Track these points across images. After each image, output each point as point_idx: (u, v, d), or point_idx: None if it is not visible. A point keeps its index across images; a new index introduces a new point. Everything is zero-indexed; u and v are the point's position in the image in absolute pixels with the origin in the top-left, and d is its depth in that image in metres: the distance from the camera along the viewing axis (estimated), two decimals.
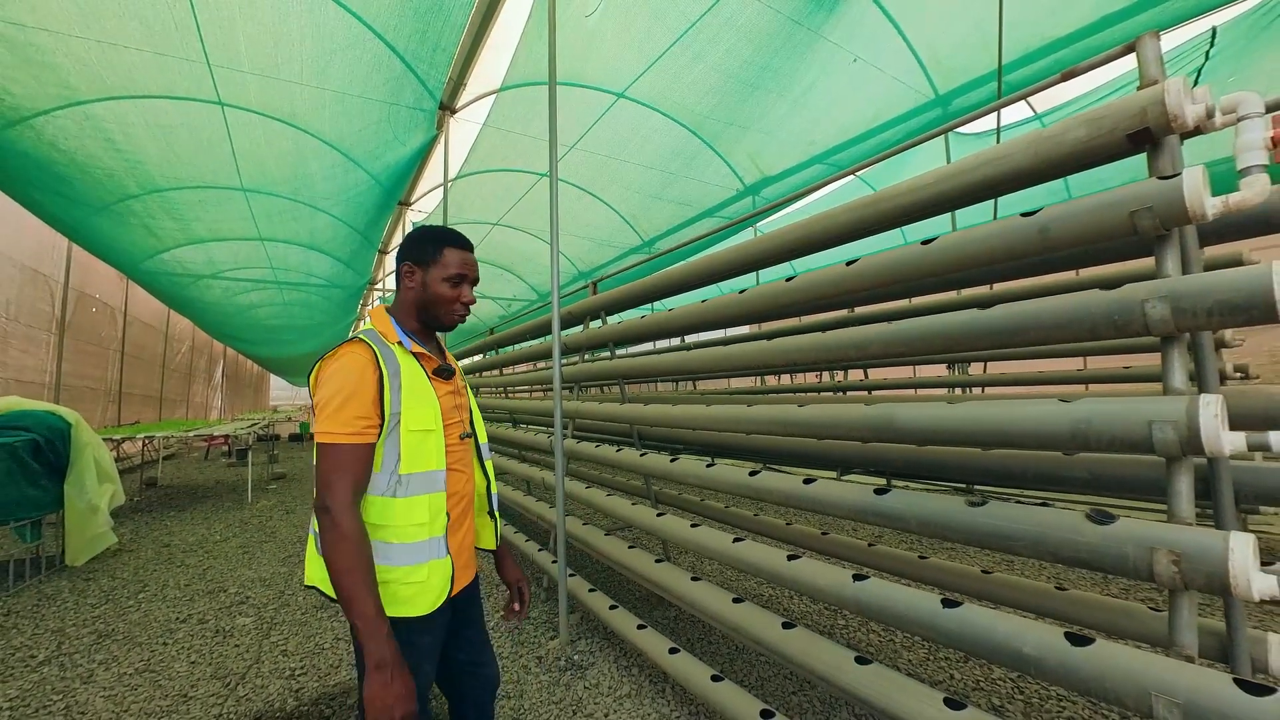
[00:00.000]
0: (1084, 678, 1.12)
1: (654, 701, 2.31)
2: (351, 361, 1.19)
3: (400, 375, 1.24)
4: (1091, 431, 1.19)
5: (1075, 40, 4.44)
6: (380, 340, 1.28)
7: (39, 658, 2.89)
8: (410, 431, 1.22)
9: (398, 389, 1.22)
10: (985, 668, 2.52)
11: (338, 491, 1.12)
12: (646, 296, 3.00)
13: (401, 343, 1.30)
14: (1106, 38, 4.34)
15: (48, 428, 4.19)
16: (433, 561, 1.24)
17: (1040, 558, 1.23)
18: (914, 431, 1.46)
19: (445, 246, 1.33)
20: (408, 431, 1.22)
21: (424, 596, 1.23)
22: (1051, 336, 1.30)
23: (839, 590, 1.55)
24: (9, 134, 4.14)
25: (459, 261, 1.33)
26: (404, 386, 1.23)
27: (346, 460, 1.14)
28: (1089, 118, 1.32)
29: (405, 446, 1.22)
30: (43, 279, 7.63)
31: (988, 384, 5.12)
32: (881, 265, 1.62)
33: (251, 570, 4.22)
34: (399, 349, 1.29)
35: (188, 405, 14.23)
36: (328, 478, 1.13)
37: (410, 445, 1.22)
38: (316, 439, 1.17)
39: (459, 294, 1.33)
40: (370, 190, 6.19)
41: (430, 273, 1.32)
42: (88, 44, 3.54)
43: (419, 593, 1.22)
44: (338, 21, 3.75)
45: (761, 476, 1.88)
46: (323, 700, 2.45)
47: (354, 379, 1.17)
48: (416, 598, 1.22)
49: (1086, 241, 1.30)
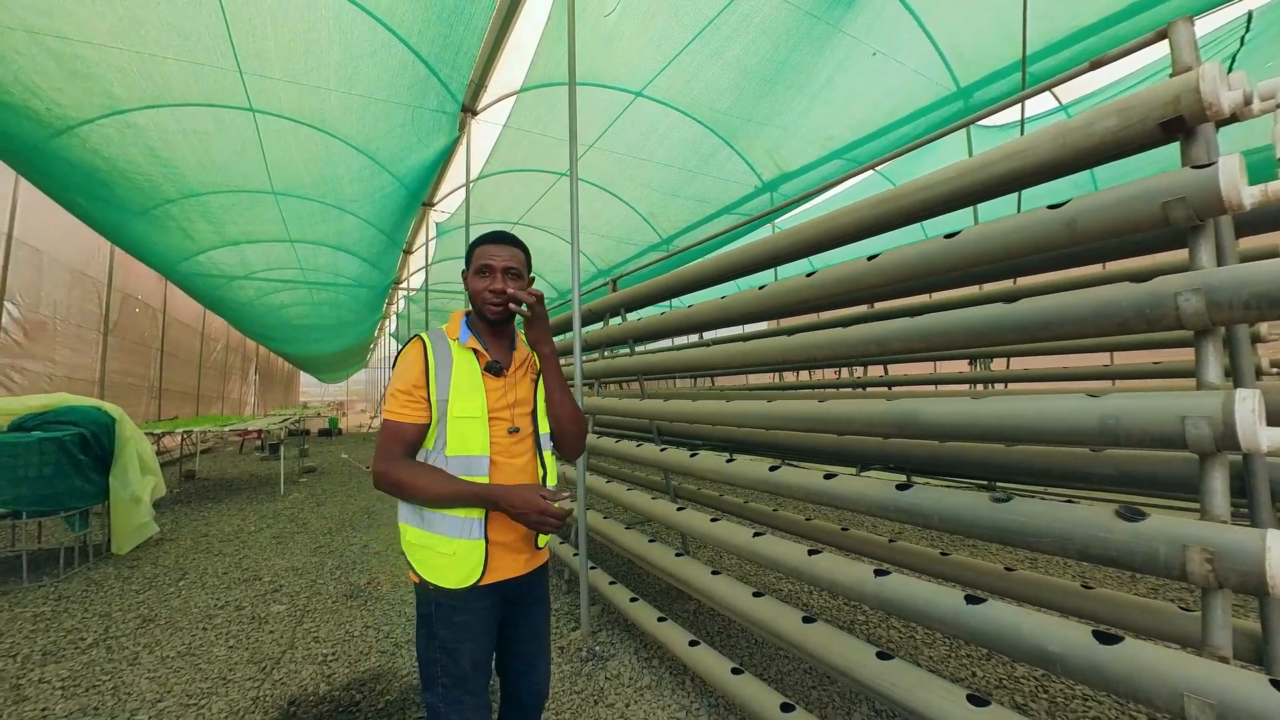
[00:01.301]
0: (1112, 677, 1.09)
1: (674, 693, 2.31)
2: (407, 354, 1.38)
3: (451, 367, 1.36)
4: (1121, 427, 1.15)
5: (1101, 29, 4.30)
6: (440, 336, 1.42)
7: (88, 640, 3.00)
8: (455, 419, 1.33)
9: (446, 379, 1.35)
10: (1008, 665, 2.48)
11: (388, 453, 1.31)
12: (666, 293, 3.00)
13: (459, 339, 1.41)
14: (1133, 26, 4.20)
15: (94, 422, 4.34)
16: (465, 540, 1.31)
17: (1067, 555, 1.20)
18: (939, 427, 1.43)
19: (474, 247, 1.43)
20: (453, 418, 1.33)
21: (454, 570, 1.31)
22: (1079, 331, 1.27)
23: (860, 586, 1.53)
24: (56, 142, 4.28)
25: (481, 254, 1.40)
26: (453, 377, 1.36)
27: (393, 432, 1.32)
28: (1119, 107, 1.27)
29: (451, 432, 1.33)
30: (89, 281, 7.90)
31: (1009, 380, 5.01)
32: (904, 260, 1.59)
33: (284, 560, 4.33)
34: (455, 344, 1.40)
35: (223, 401, 14.63)
36: (381, 446, 1.32)
37: (455, 431, 1.33)
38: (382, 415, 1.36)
39: (487, 284, 1.39)
40: (395, 192, 6.28)
41: (469, 274, 1.43)
42: (128, 55, 3.65)
43: (449, 565, 1.31)
44: (364, 28, 3.80)
45: (782, 472, 1.86)
46: (353, 685, 2.50)
47: (403, 368, 1.35)
48: (447, 569, 1.31)
49: (1116, 233, 1.26)
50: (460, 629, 1.32)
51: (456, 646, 1.31)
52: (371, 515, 5.85)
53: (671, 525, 2.42)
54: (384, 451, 1.31)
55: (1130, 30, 4.24)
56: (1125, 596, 1.69)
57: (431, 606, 1.33)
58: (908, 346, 1.56)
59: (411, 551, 1.35)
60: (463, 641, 1.32)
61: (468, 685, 1.32)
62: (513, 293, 1.37)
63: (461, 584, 1.31)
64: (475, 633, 1.34)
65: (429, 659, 1.33)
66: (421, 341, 1.38)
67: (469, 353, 1.40)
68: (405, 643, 2.90)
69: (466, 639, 1.32)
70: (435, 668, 1.32)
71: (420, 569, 1.33)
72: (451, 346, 1.40)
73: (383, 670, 2.62)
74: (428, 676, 1.33)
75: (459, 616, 1.32)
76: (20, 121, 3.99)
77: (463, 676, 1.31)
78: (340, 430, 17.58)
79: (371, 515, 5.85)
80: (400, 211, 7.08)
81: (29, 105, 3.79)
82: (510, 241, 1.43)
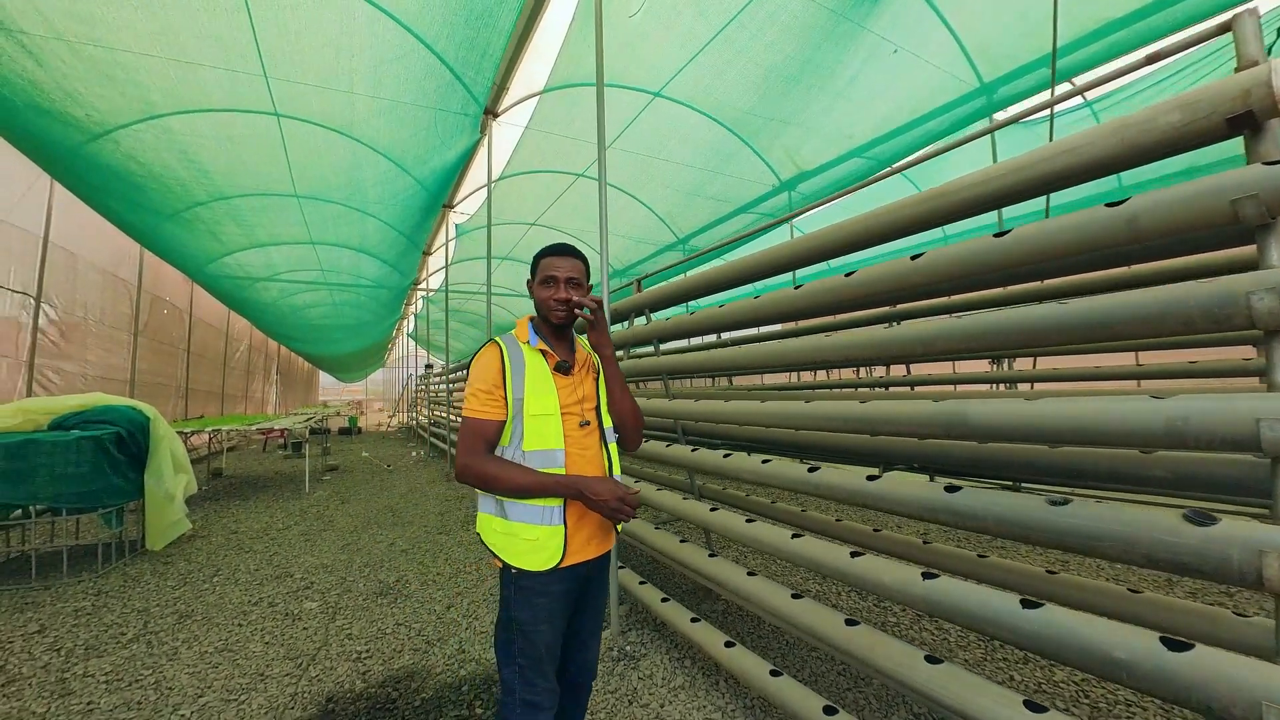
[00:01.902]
0: (1184, 685, 1.06)
1: (709, 694, 2.30)
2: (484, 356, 1.49)
3: (524, 368, 1.46)
4: (1189, 429, 1.12)
5: (1131, 22, 4.21)
6: (512, 340, 1.53)
7: (128, 635, 3.05)
8: (532, 416, 1.43)
9: (520, 379, 1.45)
10: (1046, 669, 2.43)
11: (472, 449, 1.41)
12: (691, 294, 2.98)
13: (529, 341, 1.52)
14: (1164, 19, 4.11)
15: (129, 421, 4.42)
16: (546, 526, 1.41)
17: (1131, 561, 1.17)
18: (990, 428, 1.40)
19: (538, 259, 1.54)
20: (529, 416, 1.43)
21: (537, 554, 1.40)
22: (1142, 331, 1.23)
23: (907, 588, 1.51)
24: (91, 147, 4.37)
25: (546, 266, 1.52)
26: (527, 377, 1.46)
27: (475, 428, 1.42)
28: (1182, 102, 1.24)
29: (527, 429, 1.43)
30: (121, 283, 8.05)
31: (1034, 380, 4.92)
32: (951, 259, 1.56)
33: (313, 557, 4.38)
34: (526, 346, 1.51)
35: (246, 400, 14.85)
36: (464, 442, 1.42)
37: (532, 428, 1.43)
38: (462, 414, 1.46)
39: (552, 294, 1.50)
40: (417, 194, 6.33)
41: (534, 284, 1.54)
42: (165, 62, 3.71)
43: (533, 549, 1.40)
44: (390, 34, 3.83)
45: (822, 472, 1.84)
46: (389, 682, 2.52)
47: (482, 369, 1.46)
48: (531, 554, 1.40)
49: (1179, 232, 1.22)
50: (538, 611, 1.41)
51: (533, 629, 1.41)
52: (396, 514, 5.90)
53: (705, 526, 2.41)
54: (468, 447, 1.41)
55: (1160, 23, 4.14)
56: (1176, 601, 1.65)
57: (511, 590, 1.43)
58: (954, 347, 1.53)
59: (495, 539, 1.44)
60: (539, 624, 1.41)
61: (540, 667, 1.42)
62: (577, 299, 1.48)
63: (544, 566, 1.40)
64: (551, 615, 1.43)
65: (507, 639, 1.44)
66: (497, 345, 1.49)
67: (538, 354, 1.51)
68: (437, 641, 2.91)
69: (542, 621, 1.42)
70: (513, 647, 1.42)
71: (505, 555, 1.42)
72: (523, 349, 1.50)
73: (417, 668, 2.64)
74: (506, 655, 1.44)
75: (538, 599, 1.42)
76: (58, 127, 4.07)
77: (537, 658, 1.42)
78: (360, 429, 17.78)
79: (396, 514, 5.90)
80: (421, 213, 7.13)
81: (69, 112, 3.87)
82: (572, 253, 1.53)
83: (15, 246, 5.87)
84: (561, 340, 1.58)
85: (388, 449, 12.57)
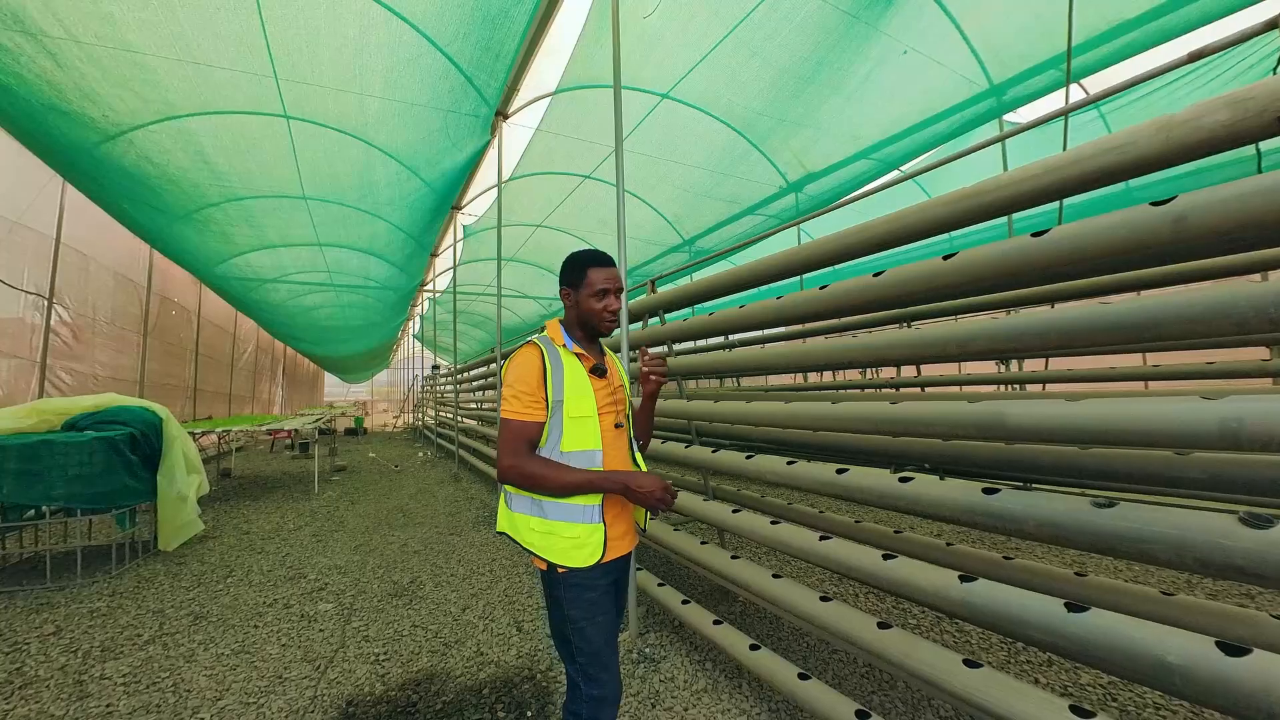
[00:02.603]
0: (1244, 693, 1.03)
1: (732, 697, 2.27)
2: (525, 358, 1.49)
3: (563, 370, 1.49)
4: (1245, 431, 1.09)
5: (1144, 22, 4.18)
6: (549, 343, 1.54)
7: (144, 637, 3.03)
8: (571, 418, 1.46)
9: (560, 381, 1.47)
10: (1072, 672, 2.40)
11: (516, 450, 1.42)
12: (707, 295, 2.95)
13: (566, 345, 1.55)
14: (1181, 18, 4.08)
15: (143, 422, 4.40)
16: (587, 524, 1.44)
17: (1183, 567, 1.14)
18: (1030, 430, 1.37)
19: (589, 268, 1.55)
20: (569, 418, 1.46)
21: (580, 551, 1.43)
22: (1190, 331, 1.20)
23: (945, 592, 1.48)
24: (105, 148, 4.36)
25: (601, 278, 1.54)
26: (565, 379, 1.48)
27: (518, 430, 1.44)
28: (1230, 100, 1.21)
29: (566, 430, 1.46)
30: (130, 284, 8.04)
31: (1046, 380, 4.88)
32: (985, 260, 1.53)
33: (326, 558, 4.36)
34: (563, 350, 1.54)
35: (254, 401, 14.84)
36: (508, 444, 1.43)
37: (571, 429, 1.46)
38: (501, 415, 1.48)
39: (605, 304, 1.54)
40: (426, 197, 6.31)
41: (581, 292, 1.56)
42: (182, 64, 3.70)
43: (575, 547, 1.43)
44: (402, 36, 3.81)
45: (851, 474, 1.81)
46: (409, 685, 2.49)
47: (524, 372, 1.47)
48: (573, 551, 1.43)
49: (1229, 232, 1.19)
50: (590, 606, 1.45)
51: (588, 624, 1.45)
52: (406, 514, 5.88)
53: (727, 528, 2.38)
54: (512, 448, 1.43)
55: (1174, 23, 4.11)
56: (1211, 604, 1.62)
57: (561, 590, 1.45)
58: (993, 347, 1.51)
59: (535, 540, 1.45)
60: (594, 618, 1.46)
61: (601, 659, 1.46)
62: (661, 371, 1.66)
63: (588, 563, 1.43)
64: (603, 608, 1.48)
65: (563, 637, 1.49)
66: (538, 348, 1.51)
67: (574, 357, 1.54)
68: (454, 643, 2.89)
69: (597, 614, 1.46)
70: (571, 646, 1.47)
71: (548, 555, 1.43)
72: (560, 352, 1.53)
73: (436, 671, 2.61)
74: (566, 654, 1.50)
75: (588, 594, 1.45)
76: (73, 128, 4.06)
77: (597, 652, 1.45)
78: (366, 430, 17.77)
79: (406, 514, 5.88)
80: (431, 215, 7.11)
81: (85, 113, 3.86)
82: (614, 264, 1.59)
83: (28, 248, 5.86)
84: (592, 343, 1.63)
85: (394, 450, 12.55)
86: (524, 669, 2.60)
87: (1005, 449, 1.99)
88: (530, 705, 2.30)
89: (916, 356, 1.72)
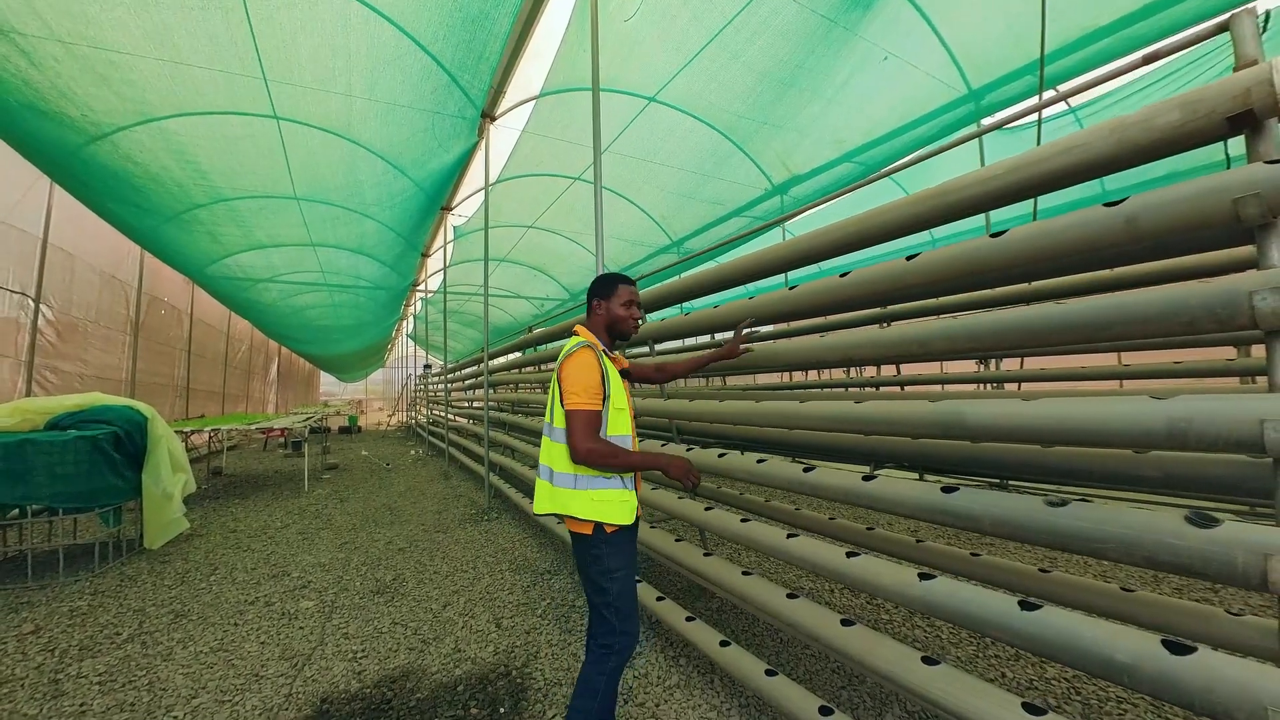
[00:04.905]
0: (1187, 690, 1.02)
1: (704, 692, 2.25)
2: (589, 358, 1.75)
3: (609, 370, 1.78)
4: (1192, 430, 1.08)
5: (1117, 29, 4.20)
6: (595, 347, 1.81)
7: (123, 635, 2.97)
8: (616, 409, 1.77)
9: (608, 379, 1.76)
10: (1038, 666, 2.40)
11: (587, 436, 1.67)
12: (686, 295, 2.93)
13: (605, 350, 1.86)
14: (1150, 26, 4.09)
15: (127, 421, 4.33)
16: (628, 490, 1.77)
17: (1132, 563, 1.13)
18: (989, 429, 1.36)
19: (619, 284, 1.92)
20: (613, 409, 1.76)
21: (625, 510, 1.73)
22: (1143, 331, 1.20)
23: (905, 590, 1.47)
24: (91, 149, 4.27)
25: (629, 292, 1.91)
26: (610, 377, 1.77)
27: (589, 419, 1.69)
28: (1182, 101, 1.20)
29: (610, 419, 1.75)
30: (118, 284, 7.92)
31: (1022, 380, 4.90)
32: (947, 260, 1.52)
33: (311, 556, 4.30)
34: (603, 353, 1.82)
35: (247, 400, 14.69)
36: (582, 430, 1.67)
37: (614, 418, 1.76)
38: (568, 408, 1.71)
39: (631, 313, 1.91)
40: (415, 196, 6.25)
41: (612, 302, 1.90)
42: (159, 63, 3.62)
43: (625, 508, 1.73)
44: (386, 35, 3.75)
45: (817, 472, 1.80)
46: (384, 682, 2.46)
47: (587, 370, 1.72)
48: (623, 511, 1.72)
49: (1179, 232, 1.19)
50: (628, 556, 1.77)
51: (625, 571, 1.74)
52: (394, 512, 5.83)
53: (700, 525, 2.36)
54: (587, 433, 1.67)
55: (1146, 30, 4.13)
56: (1170, 600, 1.61)
57: (605, 547, 1.71)
58: (952, 347, 1.49)
59: (590, 508, 1.69)
60: (630, 566, 1.77)
61: (633, 602, 1.76)
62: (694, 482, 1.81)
63: (630, 520, 1.73)
64: (629, 563, 1.77)
65: (603, 586, 1.72)
66: (594, 351, 1.77)
67: (609, 359, 1.84)
68: (433, 640, 2.85)
69: (626, 567, 1.75)
70: (610, 592, 1.71)
71: (603, 517, 1.69)
72: (601, 355, 1.79)
73: (412, 668, 2.58)
74: (604, 601, 1.73)
75: (627, 547, 1.77)
76: (56, 129, 3.97)
77: (631, 595, 1.75)
78: (360, 428, 17.63)
79: (394, 512, 5.83)
80: (420, 215, 7.05)
81: (64, 112, 3.78)
82: (636, 282, 1.95)
83: (14, 247, 5.75)
84: (613, 349, 1.95)
85: (387, 448, 12.45)
86: (500, 665, 2.56)
87: (973, 448, 1.98)
88: (504, 702, 2.27)
89: (880, 356, 1.71)
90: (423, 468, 9.16)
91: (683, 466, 1.71)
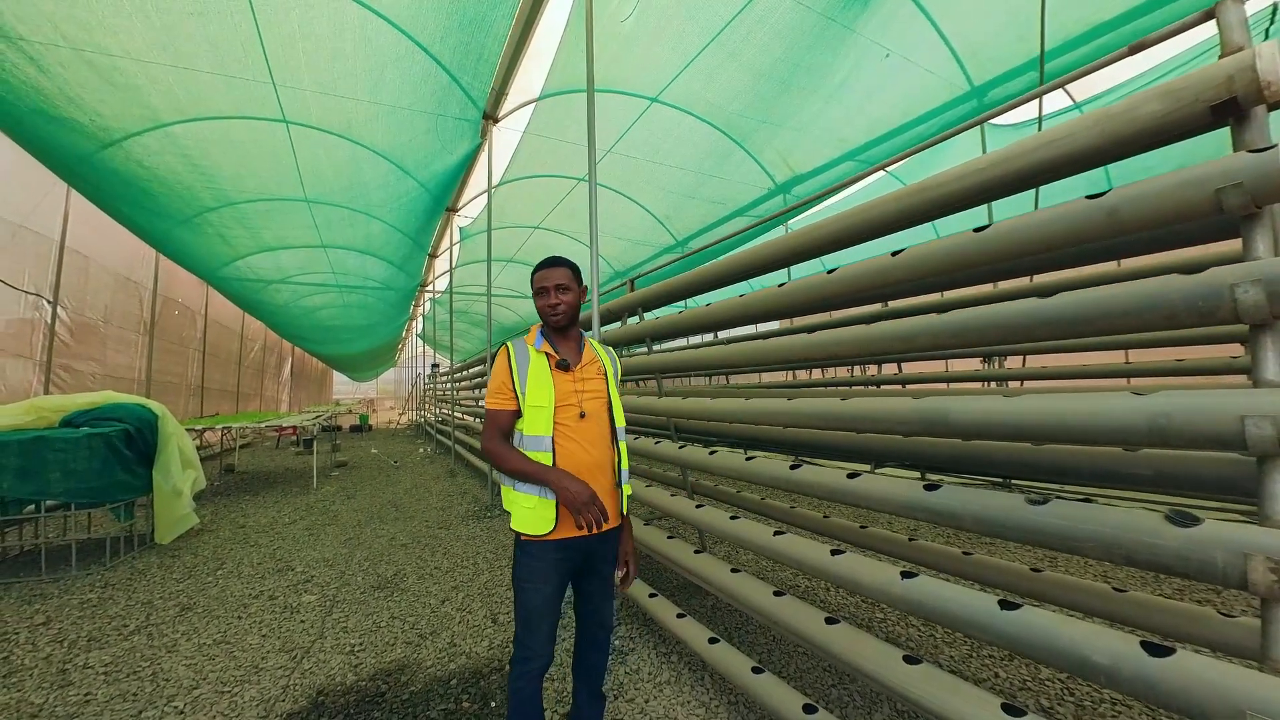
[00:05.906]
0: (1165, 691, 0.99)
1: (693, 689, 2.23)
2: (500, 358, 1.72)
3: (528, 366, 1.68)
4: (1172, 427, 1.05)
5: (1119, 24, 4.11)
6: (521, 343, 1.73)
7: (130, 627, 3.01)
8: (530, 406, 1.65)
9: (524, 376, 1.67)
10: (1032, 667, 2.35)
11: (490, 434, 1.66)
12: (684, 293, 2.92)
13: (535, 344, 1.73)
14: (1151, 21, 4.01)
15: (138, 419, 4.39)
16: (541, 498, 1.61)
17: (1112, 561, 1.10)
18: (972, 426, 1.33)
19: (533, 275, 1.75)
20: (528, 406, 1.65)
21: (533, 520, 1.61)
22: (1124, 325, 1.16)
23: (887, 588, 1.44)
24: (103, 155, 4.34)
25: (538, 279, 1.73)
26: (529, 374, 1.67)
27: (492, 417, 1.67)
28: (1164, 90, 1.17)
29: (526, 416, 1.66)
30: (133, 285, 8.05)
31: (1025, 378, 4.83)
32: (931, 255, 1.49)
33: (315, 551, 4.34)
34: (532, 349, 1.72)
35: (260, 399, 14.87)
36: (486, 428, 1.67)
37: (529, 416, 1.66)
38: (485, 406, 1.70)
39: (545, 301, 1.72)
40: (420, 197, 6.28)
41: (534, 295, 1.76)
42: (166, 69, 3.66)
43: (530, 516, 1.61)
44: (388, 38, 3.77)
45: (803, 470, 1.77)
46: (379, 675, 2.47)
47: (496, 369, 1.71)
48: (527, 520, 1.62)
49: (1162, 223, 1.15)
50: (531, 571, 1.63)
51: (527, 585, 1.63)
52: (399, 509, 5.87)
53: (690, 522, 2.35)
54: (488, 433, 1.67)
55: (1149, 24, 4.05)
56: (1161, 600, 1.57)
57: (518, 553, 1.67)
58: (936, 343, 1.47)
59: (508, 505, 1.68)
60: (532, 582, 1.63)
61: (530, 623, 1.63)
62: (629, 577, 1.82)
63: (538, 532, 1.61)
64: (545, 577, 1.63)
65: (515, 592, 1.67)
66: (506, 348, 1.73)
67: (542, 355, 1.70)
68: (430, 634, 2.86)
69: (536, 580, 1.63)
70: (517, 601, 1.66)
71: (511, 521, 1.66)
72: (529, 351, 1.71)
73: (408, 661, 2.59)
74: (515, 608, 1.67)
75: (534, 562, 1.63)
76: (68, 135, 4.03)
77: (528, 615, 1.63)
78: (371, 426, 17.78)
79: (399, 509, 5.87)
80: (425, 216, 7.08)
81: (73, 118, 3.83)
82: (558, 263, 1.73)
83: (31, 250, 5.86)
84: (566, 340, 1.77)
85: (396, 446, 12.55)
86: (494, 660, 2.57)
87: (965, 446, 1.95)
88: (495, 696, 2.27)
89: (867, 353, 1.69)
90: (430, 465, 9.22)
91: (577, 497, 1.50)
